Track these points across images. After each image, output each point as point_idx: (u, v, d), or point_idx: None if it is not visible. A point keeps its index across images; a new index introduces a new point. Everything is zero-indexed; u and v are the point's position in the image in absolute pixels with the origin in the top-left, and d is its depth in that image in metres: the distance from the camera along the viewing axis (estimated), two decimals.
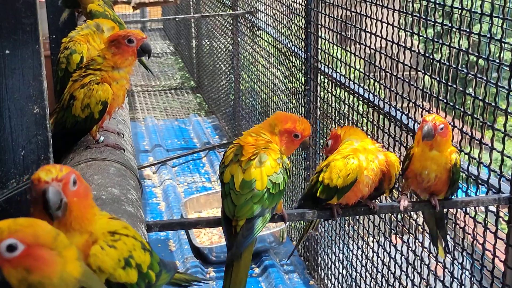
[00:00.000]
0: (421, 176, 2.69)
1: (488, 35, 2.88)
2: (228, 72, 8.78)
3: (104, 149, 2.44)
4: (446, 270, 3.32)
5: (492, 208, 2.92)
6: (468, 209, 3.05)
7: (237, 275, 2.31)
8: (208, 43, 10.09)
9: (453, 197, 2.89)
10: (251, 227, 2.28)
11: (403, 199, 2.75)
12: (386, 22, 3.83)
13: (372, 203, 2.64)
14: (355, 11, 4.29)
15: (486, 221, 2.95)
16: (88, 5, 4.22)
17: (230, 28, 8.28)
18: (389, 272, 3.98)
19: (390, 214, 4.01)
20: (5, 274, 1.24)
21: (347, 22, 4.47)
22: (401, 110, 3.67)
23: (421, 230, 3.54)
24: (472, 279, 3.08)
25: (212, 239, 5.96)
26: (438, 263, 3.37)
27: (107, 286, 1.47)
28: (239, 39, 7.98)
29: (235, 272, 2.31)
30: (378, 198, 2.84)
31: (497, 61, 2.81)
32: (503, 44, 2.78)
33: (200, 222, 2.48)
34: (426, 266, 3.55)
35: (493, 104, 2.83)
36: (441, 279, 3.32)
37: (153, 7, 14.31)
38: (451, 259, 3.27)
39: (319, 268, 5.41)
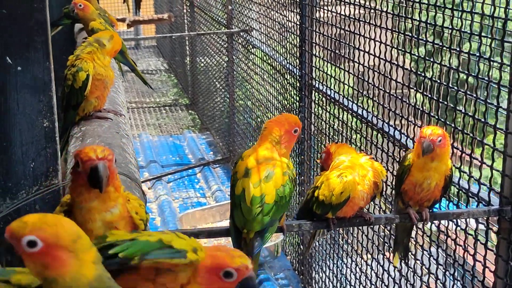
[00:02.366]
0: (421, 186, 2.77)
1: (478, 54, 2.99)
2: (222, 89, 8.89)
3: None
4: (438, 281, 3.41)
5: (482, 220, 3.02)
6: (459, 221, 3.16)
7: None
8: (202, 60, 10.21)
9: (444, 209, 3.00)
10: (260, 238, 2.41)
11: (412, 210, 2.85)
12: (379, 40, 3.95)
13: (368, 215, 2.74)
14: (348, 29, 4.42)
15: (477, 233, 3.05)
16: (90, 23, 4.34)
17: (225, 46, 8.40)
18: (383, 285, 4.07)
19: (383, 228, 4.11)
20: (26, 265, 1.34)
21: (341, 40, 4.60)
22: (394, 126, 3.78)
23: (414, 242, 3.64)
24: None
25: None
26: (431, 275, 3.47)
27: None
28: (234, 56, 8.11)
29: None
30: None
31: (486, 79, 2.92)
32: (491, 63, 2.90)
33: (202, 233, 2.58)
34: (419, 278, 3.64)
35: (483, 120, 2.94)
36: None
37: (147, 24, 14.46)
38: (443, 270, 3.37)
39: (314, 281, 5.49)
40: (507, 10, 2.82)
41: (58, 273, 1.33)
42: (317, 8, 5.05)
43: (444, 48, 3.27)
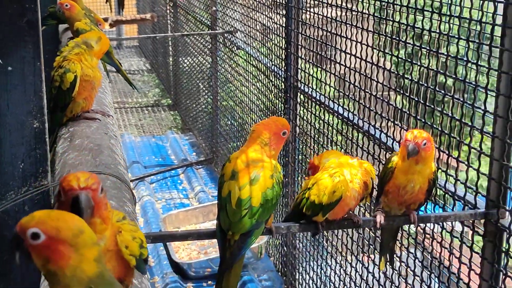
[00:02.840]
0: (405, 189, 2.79)
1: (465, 58, 3.03)
2: (206, 90, 8.89)
3: (100, 162, 2.53)
4: (423, 283, 3.44)
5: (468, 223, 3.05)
6: (445, 224, 3.19)
7: (228, 284, 2.41)
8: (185, 61, 10.20)
9: (430, 212, 3.02)
10: (245, 240, 2.41)
11: (379, 215, 2.86)
12: (365, 43, 3.97)
13: (356, 217, 2.75)
14: (334, 32, 4.44)
15: (463, 236, 3.08)
16: (75, 23, 4.32)
17: (208, 47, 8.40)
18: (367, 286, 4.09)
19: (368, 230, 4.13)
20: (32, 257, 1.38)
21: (326, 43, 4.62)
22: (380, 129, 3.80)
23: (399, 245, 3.66)
24: None
25: (191, 254, 6.03)
26: (416, 277, 3.49)
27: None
28: (217, 57, 8.10)
29: (226, 281, 2.42)
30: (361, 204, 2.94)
31: (473, 83, 2.95)
32: (479, 67, 2.94)
33: (191, 234, 2.57)
34: (404, 280, 3.67)
35: (470, 124, 2.97)
36: None
37: (129, 24, 14.40)
38: (428, 273, 3.39)
39: (297, 283, 5.51)
40: (495, 15, 2.84)
41: (58, 266, 1.36)
42: (303, 11, 5.07)
43: (425, 50, 3.31)
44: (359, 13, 4.10)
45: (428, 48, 3.29)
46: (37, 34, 2.29)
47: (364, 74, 3.99)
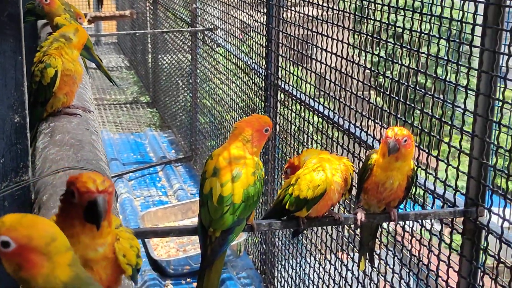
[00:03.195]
0: (384, 186, 2.80)
1: (446, 58, 3.06)
2: (185, 88, 8.86)
3: (81, 157, 2.51)
4: (402, 281, 3.47)
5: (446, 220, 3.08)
6: (424, 222, 3.21)
7: (209, 280, 2.42)
8: (165, 58, 10.16)
9: (409, 210, 3.04)
10: (226, 237, 2.41)
11: (360, 212, 2.87)
12: (347, 42, 3.99)
13: (338, 214, 2.77)
14: (315, 31, 4.45)
15: (441, 234, 3.11)
16: (55, 18, 4.28)
17: (188, 44, 8.38)
18: (346, 284, 4.11)
19: (347, 228, 4.16)
20: (3, 264, 1.33)
21: (307, 41, 4.63)
22: (360, 127, 3.82)
23: (378, 243, 3.68)
24: None
25: (169, 252, 6.01)
26: (395, 274, 3.52)
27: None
28: (197, 55, 8.09)
29: (207, 278, 2.42)
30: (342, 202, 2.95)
31: (454, 82, 2.98)
32: (459, 67, 2.97)
33: (173, 231, 2.57)
34: (382, 277, 3.69)
35: (449, 122, 3.00)
36: None
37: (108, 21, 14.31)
38: (407, 270, 3.42)
39: (276, 281, 5.52)
40: (475, 16, 2.87)
41: (30, 275, 1.33)
42: (284, 9, 5.07)
43: (405, 50, 3.34)
44: (339, 11, 4.12)
45: (408, 47, 3.32)
46: (18, 28, 2.26)
47: (345, 72, 4.01)
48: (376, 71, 3.67)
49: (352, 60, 3.94)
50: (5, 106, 2.29)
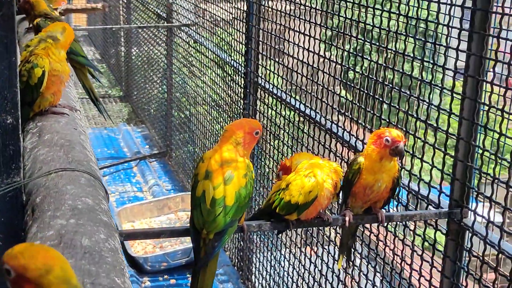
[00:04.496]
0: (372, 188, 2.83)
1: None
2: (160, 83, 8.82)
3: (72, 158, 2.50)
4: (384, 280, 3.52)
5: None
6: (407, 223, 3.26)
7: (204, 281, 2.43)
8: (138, 52, 10.09)
9: (394, 212, 3.09)
10: (219, 239, 2.43)
11: (348, 213, 2.90)
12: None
13: (326, 215, 2.79)
14: (297, 29, 4.47)
15: (425, 235, 3.16)
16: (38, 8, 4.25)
17: (164, 39, 8.33)
18: (325, 280, 4.15)
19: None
20: None
21: (288, 40, 4.65)
22: (343, 127, 3.85)
23: (359, 241, 3.73)
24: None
25: (146, 248, 6.00)
26: (377, 273, 3.57)
27: None
28: (173, 50, 8.06)
29: (201, 279, 2.43)
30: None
31: (440, 84, 3.04)
32: (445, 70, 3.02)
33: (164, 232, 2.57)
34: (364, 277, 3.74)
35: (435, 125, 3.05)
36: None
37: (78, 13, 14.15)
38: (389, 269, 3.47)
39: (253, 277, 5.54)
40: (462, 20, 2.92)
41: None
42: (264, 7, 5.08)
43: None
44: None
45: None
46: (12, 28, 2.24)
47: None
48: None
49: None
50: None
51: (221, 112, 6.25)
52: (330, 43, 3.99)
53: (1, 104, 2.28)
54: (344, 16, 3.82)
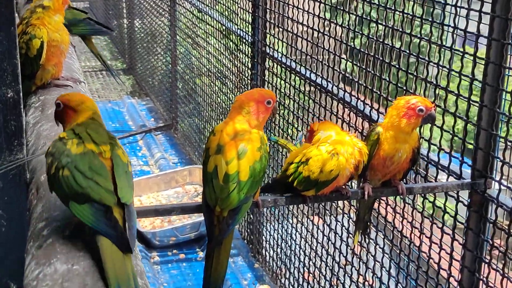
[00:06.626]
0: (392, 159, 2.70)
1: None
2: (164, 54, 8.66)
3: None
4: (402, 253, 3.42)
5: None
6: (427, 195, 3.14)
7: (218, 260, 2.31)
8: (141, 23, 9.91)
9: (415, 184, 2.96)
10: (233, 216, 2.30)
11: (367, 186, 2.78)
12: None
13: (345, 189, 2.67)
14: None
15: (445, 206, 3.05)
16: None
17: (167, 9, 8.16)
18: (335, 248, 4.05)
19: None
20: (56, 118, 2.15)
21: (298, 6, 4.48)
22: (356, 96, 3.72)
23: (376, 215, 3.62)
24: (430, 261, 3.18)
25: (154, 223, 5.91)
26: (394, 247, 3.47)
27: None
28: (177, 20, 7.88)
29: (216, 258, 2.32)
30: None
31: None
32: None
33: (175, 209, 2.45)
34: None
35: (456, 92, 2.92)
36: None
37: None
38: (408, 242, 3.36)
39: (264, 250, 5.45)
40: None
41: (66, 122, 2.07)
42: None
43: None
44: None
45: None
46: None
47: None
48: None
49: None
50: None
51: (228, 83, 6.11)
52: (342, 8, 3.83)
53: (0, 77, 2.15)
54: None
